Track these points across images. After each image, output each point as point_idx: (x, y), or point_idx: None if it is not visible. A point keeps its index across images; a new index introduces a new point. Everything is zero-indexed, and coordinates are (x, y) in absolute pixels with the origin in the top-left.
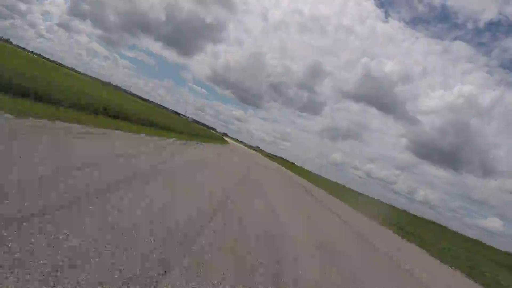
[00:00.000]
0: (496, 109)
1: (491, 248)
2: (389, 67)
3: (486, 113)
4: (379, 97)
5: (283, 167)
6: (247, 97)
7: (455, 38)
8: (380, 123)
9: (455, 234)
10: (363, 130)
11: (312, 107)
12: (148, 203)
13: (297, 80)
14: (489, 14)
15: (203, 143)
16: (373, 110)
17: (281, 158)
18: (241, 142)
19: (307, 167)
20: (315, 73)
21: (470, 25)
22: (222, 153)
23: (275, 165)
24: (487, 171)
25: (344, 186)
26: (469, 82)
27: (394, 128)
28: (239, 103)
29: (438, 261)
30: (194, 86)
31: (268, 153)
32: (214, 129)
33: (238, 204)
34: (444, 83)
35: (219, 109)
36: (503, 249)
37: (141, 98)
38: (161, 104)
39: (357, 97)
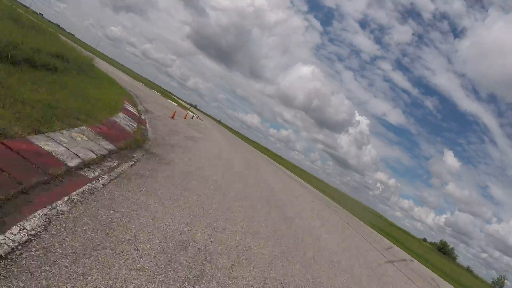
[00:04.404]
0: (278, 29)
1: None
2: None
3: (268, 29)
4: None
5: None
6: None
7: None
8: (168, 4)
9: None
10: (150, 7)
11: None
12: None
13: None
14: None
15: None
16: None
17: (58, 25)
18: None
19: (79, 36)
20: None
21: None
22: None
23: None
24: (254, 74)
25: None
26: None
27: (181, 13)
28: None
29: None
30: None
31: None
32: None
33: None
34: None
35: None
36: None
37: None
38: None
39: None
